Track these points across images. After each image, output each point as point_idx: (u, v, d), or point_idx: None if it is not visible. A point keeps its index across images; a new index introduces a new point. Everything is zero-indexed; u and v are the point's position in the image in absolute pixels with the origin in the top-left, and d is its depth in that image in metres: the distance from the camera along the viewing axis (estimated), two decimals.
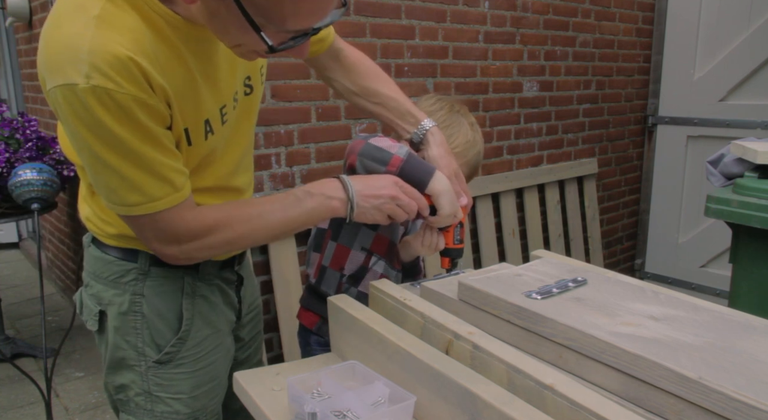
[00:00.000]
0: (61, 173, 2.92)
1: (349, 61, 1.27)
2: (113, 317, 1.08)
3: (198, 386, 1.13)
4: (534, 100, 2.97)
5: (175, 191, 0.93)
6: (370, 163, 1.20)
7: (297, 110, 2.08)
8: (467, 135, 1.40)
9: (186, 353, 1.11)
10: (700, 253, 3.48)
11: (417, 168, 1.16)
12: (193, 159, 1.00)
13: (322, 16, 0.82)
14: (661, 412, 0.73)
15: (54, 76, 0.83)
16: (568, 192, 3.24)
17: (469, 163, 1.41)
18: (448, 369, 0.81)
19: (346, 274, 1.37)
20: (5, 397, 2.63)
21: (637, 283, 1.02)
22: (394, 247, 1.39)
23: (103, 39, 0.82)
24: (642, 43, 3.54)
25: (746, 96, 3.25)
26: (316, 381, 0.92)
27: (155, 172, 0.90)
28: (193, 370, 1.12)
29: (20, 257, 4.65)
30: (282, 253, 2.10)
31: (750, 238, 1.72)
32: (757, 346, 0.77)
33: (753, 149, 1.77)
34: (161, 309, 1.08)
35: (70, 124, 0.85)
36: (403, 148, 1.19)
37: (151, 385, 1.10)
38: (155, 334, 1.08)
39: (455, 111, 1.42)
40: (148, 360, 1.09)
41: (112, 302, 1.08)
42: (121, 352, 1.09)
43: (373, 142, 1.20)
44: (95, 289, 1.11)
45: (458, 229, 1.26)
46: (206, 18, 0.85)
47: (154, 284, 1.08)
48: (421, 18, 2.38)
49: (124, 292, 1.08)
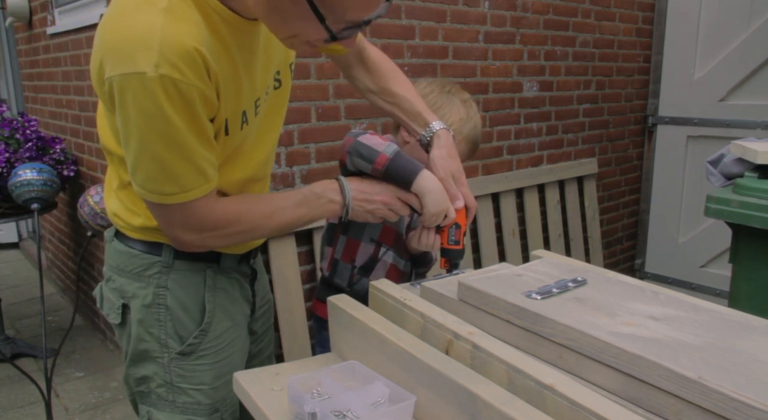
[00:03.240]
0: (61, 173, 2.92)
1: (371, 60, 1.31)
2: (137, 310, 1.11)
3: (218, 377, 1.16)
4: (534, 100, 2.97)
5: (207, 182, 0.97)
6: (358, 161, 1.22)
7: (297, 110, 2.08)
8: (460, 112, 1.42)
9: (208, 345, 1.13)
10: (700, 253, 3.48)
11: (403, 166, 1.18)
12: (227, 149, 1.04)
13: (375, 8, 0.87)
14: (660, 412, 0.73)
15: (119, 64, 0.86)
16: (568, 192, 3.24)
17: (468, 138, 1.43)
18: (448, 369, 0.81)
19: (357, 266, 1.42)
20: (5, 397, 2.63)
21: (637, 283, 1.02)
22: (401, 237, 1.45)
23: (173, 30, 0.85)
24: (642, 43, 3.54)
25: (746, 96, 3.24)
26: (316, 381, 0.92)
27: (195, 162, 0.93)
28: (214, 361, 1.15)
29: (20, 257, 4.65)
30: (282, 252, 2.10)
31: (750, 238, 1.72)
32: (757, 346, 0.77)
33: (753, 149, 1.77)
34: (185, 301, 1.11)
35: (126, 111, 0.88)
36: (390, 146, 1.20)
37: (173, 377, 1.12)
38: (178, 326, 1.11)
39: (446, 91, 1.44)
40: (171, 351, 1.11)
41: (136, 295, 1.11)
42: (144, 344, 1.11)
43: (362, 139, 1.22)
44: (118, 282, 1.13)
45: (453, 230, 1.26)
46: (265, 11, 0.89)
47: (178, 277, 1.11)
48: (421, 18, 2.38)
49: (148, 285, 1.10)
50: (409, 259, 1.47)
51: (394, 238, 1.44)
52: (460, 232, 1.28)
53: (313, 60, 2.08)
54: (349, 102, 2.20)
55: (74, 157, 3.09)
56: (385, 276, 1.42)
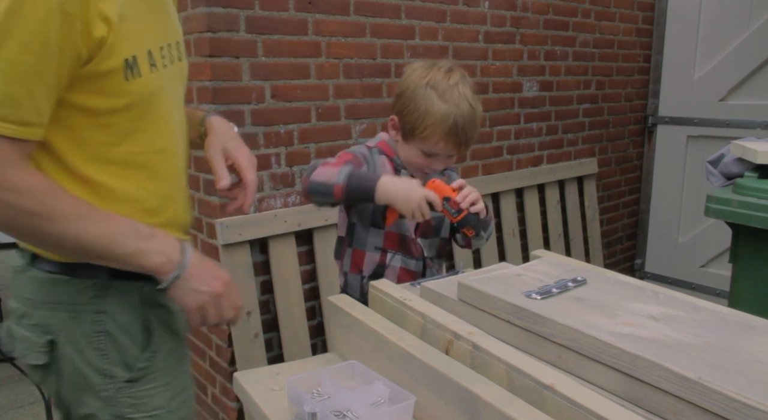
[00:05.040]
0: None
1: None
2: (68, 343, 0.97)
3: (174, 397, 1.07)
4: (534, 100, 2.97)
5: (22, 124, 0.83)
6: (320, 199, 1.26)
7: (297, 110, 2.08)
8: (436, 113, 1.30)
9: (159, 366, 1.03)
10: (700, 253, 3.48)
11: (359, 186, 1.22)
12: (127, 98, 0.91)
13: None
14: (660, 413, 0.73)
15: None
16: (568, 192, 3.24)
17: (447, 136, 1.31)
18: (448, 369, 0.81)
19: (365, 276, 1.40)
20: (5, 397, 2.63)
21: (637, 283, 1.03)
22: (407, 239, 1.43)
23: None
24: (642, 43, 3.54)
25: (746, 96, 3.24)
26: (316, 381, 0.92)
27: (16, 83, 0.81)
28: (167, 382, 1.05)
29: None
30: (282, 253, 2.10)
31: (750, 238, 1.72)
32: (756, 346, 0.77)
33: (753, 149, 1.77)
34: (126, 324, 1.00)
35: None
36: (342, 170, 1.23)
37: (123, 408, 1.00)
38: (123, 353, 0.99)
39: (423, 85, 1.33)
40: (117, 381, 0.99)
41: (67, 327, 0.97)
42: (82, 379, 0.99)
43: (314, 177, 1.25)
44: (38, 317, 0.98)
45: (446, 205, 1.25)
46: None
47: (117, 299, 0.99)
48: (421, 18, 2.38)
49: (80, 313, 0.97)
50: (420, 258, 1.45)
51: (398, 241, 1.42)
52: (453, 201, 1.25)
53: (313, 60, 2.08)
54: (349, 102, 2.20)
55: None
56: (397, 280, 1.40)
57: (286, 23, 2.00)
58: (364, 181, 1.21)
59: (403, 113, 1.35)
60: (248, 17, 1.91)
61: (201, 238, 2.10)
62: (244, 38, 1.91)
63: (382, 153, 1.43)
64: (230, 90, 1.92)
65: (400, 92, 1.36)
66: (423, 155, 1.35)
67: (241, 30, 1.90)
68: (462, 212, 1.25)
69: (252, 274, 2.03)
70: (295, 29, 2.02)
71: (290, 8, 2.00)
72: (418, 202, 1.21)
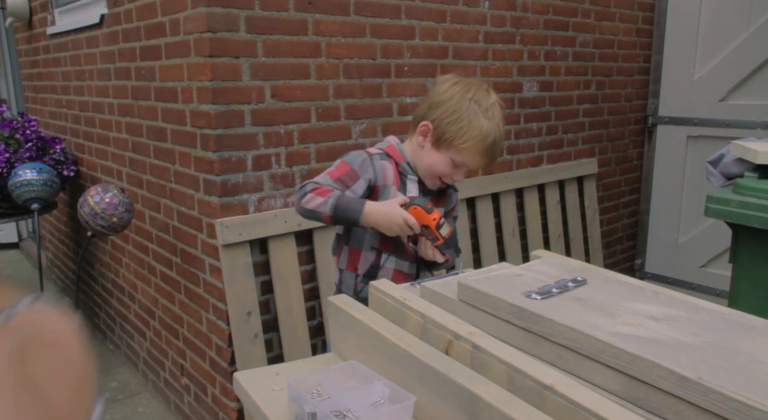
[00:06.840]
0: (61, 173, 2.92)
1: None
2: None
3: None
4: (534, 100, 2.97)
5: None
6: (313, 220, 1.35)
7: (297, 110, 2.08)
8: (481, 127, 1.37)
9: None
10: (700, 253, 3.48)
11: (344, 215, 1.31)
12: None
13: None
14: (660, 413, 0.73)
15: None
16: (568, 192, 3.24)
17: (484, 152, 1.39)
18: (448, 369, 0.81)
19: (360, 274, 1.44)
20: None
21: (637, 283, 1.02)
22: (401, 242, 1.48)
23: None
24: (642, 43, 3.54)
25: (746, 96, 3.24)
26: (316, 381, 0.92)
27: None
28: None
29: (20, 257, 4.65)
30: (282, 252, 2.10)
31: (750, 238, 1.72)
32: (756, 346, 0.77)
33: (753, 149, 1.77)
34: None
35: None
36: (328, 201, 1.31)
37: None
38: None
39: (468, 99, 1.39)
40: None
41: None
42: None
43: (304, 204, 1.34)
44: None
45: (426, 231, 1.36)
46: None
47: None
48: (421, 18, 2.38)
49: None
50: (414, 260, 1.49)
51: (393, 243, 1.46)
52: (431, 230, 1.35)
53: (313, 60, 2.08)
54: (349, 102, 2.20)
55: (74, 157, 3.09)
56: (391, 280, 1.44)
57: (286, 23, 2.00)
58: (349, 212, 1.31)
59: (443, 122, 1.38)
60: (248, 17, 1.91)
61: (201, 238, 2.10)
62: (244, 38, 1.91)
63: (386, 157, 1.45)
64: (230, 90, 1.92)
65: (439, 101, 1.39)
66: (452, 165, 1.41)
67: (241, 30, 1.90)
68: (438, 240, 1.36)
69: (252, 274, 2.04)
70: (295, 29, 2.02)
71: (290, 8, 2.00)
72: (399, 224, 1.31)
